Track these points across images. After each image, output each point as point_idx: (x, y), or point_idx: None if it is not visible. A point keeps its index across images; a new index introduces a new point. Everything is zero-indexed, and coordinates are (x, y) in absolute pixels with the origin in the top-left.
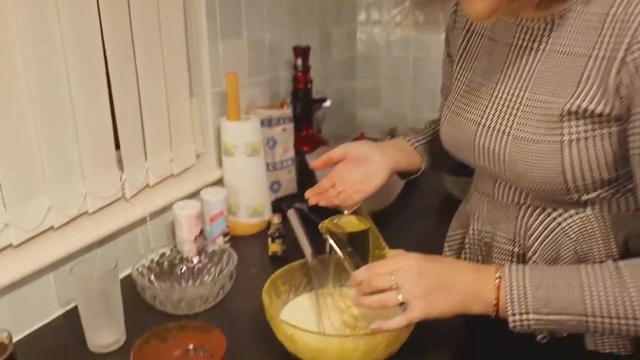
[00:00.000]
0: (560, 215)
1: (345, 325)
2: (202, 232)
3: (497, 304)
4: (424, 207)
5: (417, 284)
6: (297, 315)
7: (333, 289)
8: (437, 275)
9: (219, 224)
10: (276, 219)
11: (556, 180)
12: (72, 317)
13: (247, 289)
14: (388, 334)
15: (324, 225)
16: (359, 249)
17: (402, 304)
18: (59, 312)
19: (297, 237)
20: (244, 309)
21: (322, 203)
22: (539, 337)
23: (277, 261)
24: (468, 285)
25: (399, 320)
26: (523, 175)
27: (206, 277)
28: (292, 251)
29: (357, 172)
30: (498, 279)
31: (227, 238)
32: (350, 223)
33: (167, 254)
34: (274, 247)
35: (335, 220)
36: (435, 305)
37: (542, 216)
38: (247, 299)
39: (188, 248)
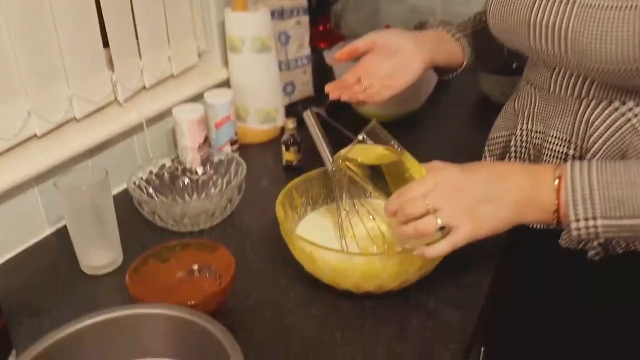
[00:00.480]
0: (630, 110)
1: (372, 242)
2: (206, 139)
3: (557, 210)
4: (458, 111)
5: (457, 202)
6: (315, 230)
7: (357, 200)
8: (479, 186)
9: (225, 131)
10: (290, 124)
11: (628, 57)
12: (64, 236)
13: (258, 203)
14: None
15: (340, 156)
16: (384, 176)
17: (442, 228)
18: (49, 230)
19: (315, 142)
20: (255, 225)
21: (345, 98)
22: (591, 253)
23: (292, 172)
24: (520, 191)
25: (442, 246)
26: (588, 52)
27: (212, 190)
28: (309, 160)
29: (386, 65)
30: (557, 180)
31: (235, 146)
32: (367, 152)
33: (168, 165)
34: (289, 156)
35: (350, 150)
36: (483, 223)
37: (607, 111)
38: (258, 214)
39: (191, 158)
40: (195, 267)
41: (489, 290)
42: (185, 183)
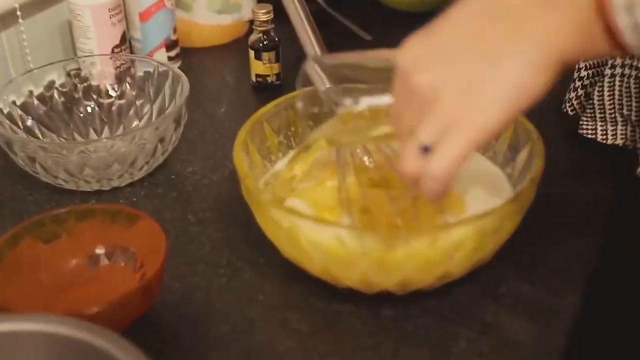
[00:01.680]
0: None
1: (393, 210)
2: (124, 40)
3: None
4: None
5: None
6: (300, 190)
7: (370, 141)
8: (462, 32)
9: (157, 26)
10: (263, 15)
11: None
12: None
13: (209, 144)
14: (475, 225)
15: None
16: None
17: (426, 148)
18: None
19: (302, 43)
20: (203, 181)
21: None
22: None
23: (266, 93)
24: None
25: (434, 168)
26: None
27: (134, 123)
28: (293, 73)
29: None
30: None
31: (173, 52)
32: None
33: (60, 81)
34: (260, 67)
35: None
36: (493, 94)
37: None
38: (207, 163)
39: (99, 70)
40: (102, 249)
41: (587, 290)
42: (89, 111)
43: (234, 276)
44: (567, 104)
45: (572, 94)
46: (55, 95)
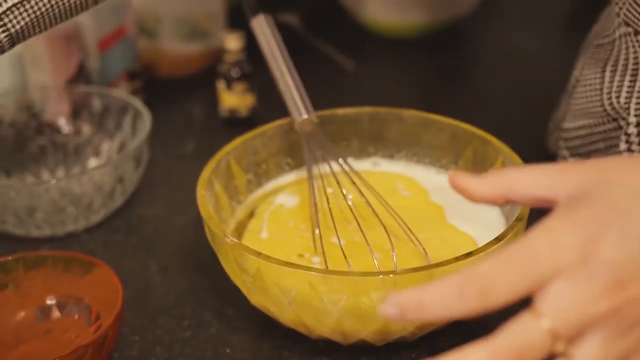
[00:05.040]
0: None
1: (370, 249)
2: (82, 70)
3: None
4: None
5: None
6: (270, 231)
7: (345, 173)
8: None
9: (118, 55)
10: (234, 42)
11: None
12: None
13: (175, 186)
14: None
15: None
16: None
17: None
18: None
19: (273, 74)
20: (167, 225)
21: None
22: None
23: (238, 127)
24: None
25: None
26: None
27: (90, 161)
28: (266, 106)
29: None
30: None
31: (136, 83)
32: None
33: (9, 116)
34: (231, 99)
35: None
36: None
37: None
38: (173, 205)
39: (54, 104)
40: (53, 300)
41: None
42: (42, 149)
43: (199, 329)
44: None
45: None
46: (5, 131)
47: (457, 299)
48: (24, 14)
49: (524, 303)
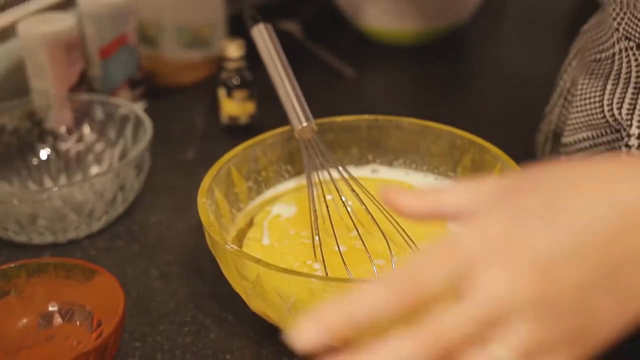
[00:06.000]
0: None
1: (371, 257)
2: (83, 78)
3: None
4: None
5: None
6: (271, 239)
7: (346, 182)
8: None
9: (119, 63)
10: (234, 50)
11: None
12: None
13: (176, 193)
14: None
15: None
16: None
17: None
18: None
19: (274, 82)
20: (169, 232)
21: None
22: None
23: (239, 134)
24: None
25: None
26: None
27: (91, 169)
28: (267, 113)
29: None
30: None
31: (138, 91)
32: None
33: (11, 124)
34: (232, 107)
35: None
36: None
37: None
38: (174, 212)
39: (56, 112)
40: (55, 307)
41: None
42: (44, 157)
43: (200, 335)
44: None
45: None
46: (7, 139)
47: (385, 295)
48: None
49: None
